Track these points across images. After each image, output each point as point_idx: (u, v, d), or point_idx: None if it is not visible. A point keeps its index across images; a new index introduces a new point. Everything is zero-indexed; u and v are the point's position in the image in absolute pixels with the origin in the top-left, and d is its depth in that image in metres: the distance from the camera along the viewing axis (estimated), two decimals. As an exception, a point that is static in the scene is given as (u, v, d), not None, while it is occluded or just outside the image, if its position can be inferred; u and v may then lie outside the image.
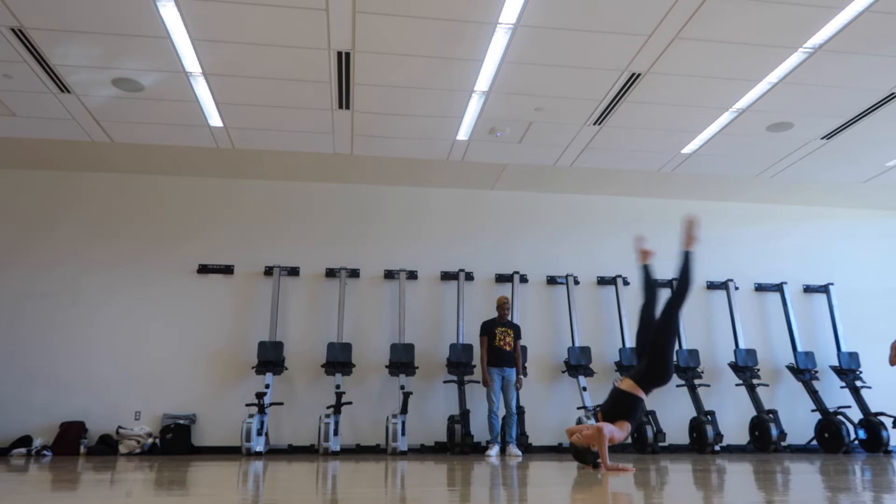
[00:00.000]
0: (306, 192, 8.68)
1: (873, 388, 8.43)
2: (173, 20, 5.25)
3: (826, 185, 8.73)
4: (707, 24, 5.26)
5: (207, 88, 6.33)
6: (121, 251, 8.21)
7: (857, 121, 6.89)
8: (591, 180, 8.63)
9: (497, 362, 7.34)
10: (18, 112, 6.77)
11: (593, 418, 7.55)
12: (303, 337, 8.20)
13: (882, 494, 3.02)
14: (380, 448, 7.77)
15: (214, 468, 5.05)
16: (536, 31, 5.39)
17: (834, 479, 4.00)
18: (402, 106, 6.64)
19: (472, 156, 7.84)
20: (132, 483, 3.79)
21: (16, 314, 7.88)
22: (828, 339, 8.93)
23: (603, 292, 8.86)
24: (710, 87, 6.28)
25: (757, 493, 3.12)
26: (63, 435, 7.44)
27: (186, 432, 7.66)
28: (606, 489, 3.34)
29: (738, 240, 9.25)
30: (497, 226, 8.91)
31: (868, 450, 7.90)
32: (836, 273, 9.23)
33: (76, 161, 8.06)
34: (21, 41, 5.52)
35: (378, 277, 8.52)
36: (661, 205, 9.22)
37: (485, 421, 7.40)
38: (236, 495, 3.05)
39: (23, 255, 8.05)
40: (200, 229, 8.40)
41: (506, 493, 3.20)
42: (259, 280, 8.33)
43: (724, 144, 7.49)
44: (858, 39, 5.44)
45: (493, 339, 7.42)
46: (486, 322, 7.59)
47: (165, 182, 8.48)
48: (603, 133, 7.23)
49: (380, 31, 5.41)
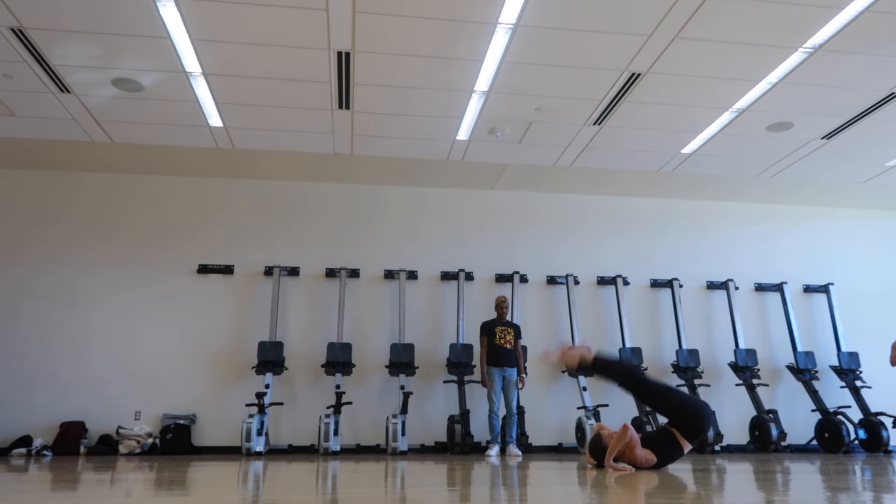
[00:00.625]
0: (306, 192, 8.68)
1: (873, 388, 8.43)
2: (173, 20, 5.25)
3: (826, 185, 8.73)
4: (707, 24, 5.26)
5: (207, 88, 6.33)
6: (121, 251, 8.21)
7: (857, 121, 6.89)
8: (591, 180, 8.63)
9: (498, 362, 7.32)
10: (18, 112, 6.77)
11: (593, 418, 7.56)
12: (303, 337, 8.20)
13: (882, 494, 3.02)
14: (380, 448, 7.77)
15: (214, 468, 5.05)
16: (536, 31, 5.39)
17: (834, 479, 4.01)
18: (402, 106, 6.64)
19: (472, 156, 7.84)
20: (132, 483, 3.79)
21: (15, 314, 7.88)
22: (828, 339, 8.94)
23: (603, 292, 8.87)
24: (710, 87, 6.28)
25: (757, 493, 3.12)
26: (63, 435, 7.45)
27: (186, 432, 7.66)
28: (606, 489, 3.34)
29: (738, 240, 9.26)
30: (497, 226, 8.91)
31: (868, 450, 7.90)
32: (836, 273, 9.23)
33: (77, 161, 8.06)
34: (21, 41, 5.52)
35: (378, 277, 8.53)
36: (662, 205, 9.23)
37: (485, 421, 7.40)
38: (236, 495, 3.05)
39: (22, 255, 8.05)
40: (200, 229, 8.40)
41: (506, 493, 3.20)
42: (259, 280, 8.33)
43: (724, 144, 7.49)
44: (858, 39, 5.44)
45: (493, 338, 7.40)
46: (485, 322, 7.58)
47: (165, 182, 8.48)
48: (603, 133, 7.23)
49: (380, 31, 5.41)
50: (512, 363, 7.35)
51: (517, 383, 7.35)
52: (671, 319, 8.74)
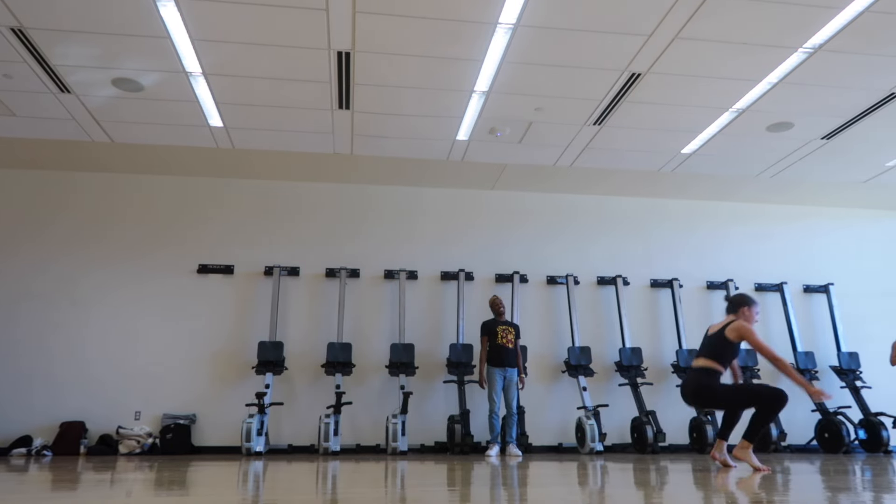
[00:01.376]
0: (307, 192, 8.68)
1: (873, 388, 8.43)
2: (173, 20, 5.25)
3: (826, 184, 8.73)
4: (707, 24, 5.26)
5: (207, 88, 6.33)
6: (121, 251, 8.21)
7: (857, 121, 6.89)
8: (590, 180, 8.63)
9: (500, 362, 7.28)
10: (18, 112, 6.77)
11: (593, 418, 7.56)
12: (303, 337, 8.20)
13: (882, 494, 3.03)
14: (380, 448, 7.77)
15: (214, 468, 5.05)
16: (536, 31, 5.39)
17: (834, 479, 4.01)
18: (402, 106, 6.64)
19: (472, 156, 7.84)
20: (132, 483, 3.79)
21: (13, 314, 7.88)
22: (828, 339, 8.94)
23: (603, 292, 8.87)
24: (710, 87, 6.28)
25: (757, 492, 3.12)
26: (63, 435, 7.45)
27: (186, 432, 7.66)
28: (606, 489, 3.34)
29: (738, 240, 9.26)
30: (497, 226, 8.91)
31: (868, 450, 7.90)
32: (836, 273, 9.23)
33: (77, 161, 8.06)
34: (21, 41, 5.52)
35: (378, 277, 8.53)
36: (661, 205, 9.23)
37: (485, 421, 7.39)
38: (236, 495, 3.05)
39: (22, 254, 8.05)
40: (200, 229, 8.40)
41: (506, 493, 3.20)
42: (259, 280, 8.33)
43: (724, 144, 7.49)
44: (858, 39, 5.44)
45: (495, 338, 7.35)
46: (486, 322, 7.56)
47: (165, 182, 8.48)
48: (603, 133, 7.23)
49: (380, 31, 5.41)
50: (513, 363, 7.32)
51: (518, 383, 7.34)
52: (671, 319, 8.74)
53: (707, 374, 4.87)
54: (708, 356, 4.90)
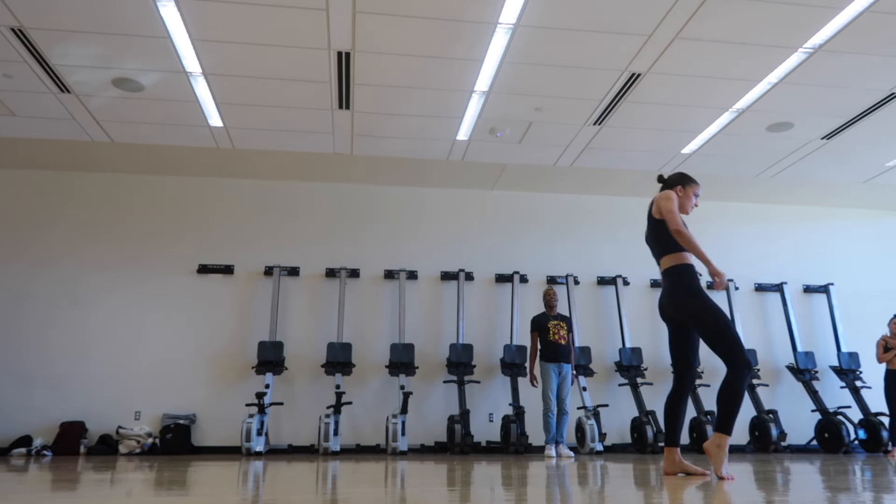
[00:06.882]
0: (306, 191, 8.68)
1: (873, 388, 8.42)
2: (173, 20, 5.25)
3: (826, 185, 8.73)
4: (707, 23, 5.26)
5: (207, 88, 6.33)
6: (121, 251, 8.21)
7: (857, 121, 6.89)
8: (591, 180, 8.63)
9: (554, 357, 7.00)
10: (18, 112, 6.77)
11: (593, 418, 7.56)
12: (303, 337, 8.20)
13: (882, 494, 3.02)
14: (380, 448, 7.77)
15: (214, 468, 5.05)
16: (536, 31, 5.39)
17: (834, 479, 4.00)
18: (402, 106, 6.64)
19: (472, 156, 7.84)
20: (132, 483, 3.79)
21: (14, 314, 7.88)
22: (828, 339, 8.94)
23: (603, 292, 8.86)
24: (710, 87, 6.28)
25: (757, 493, 3.12)
26: (63, 435, 7.45)
27: (186, 432, 7.66)
28: (607, 490, 3.34)
29: (737, 240, 9.25)
30: (497, 226, 8.91)
31: (868, 450, 7.90)
32: (836, 273, 9.23)
33: (77, 161, 8.06)
34: (21, 41, 5.52)
35: (378, 277, 8.52)
36: (661, 205, 9.21)
37: (484, 421, 7.38)
38: (236, 495, 3.05)
39: (22, 254, 8.05)
40: (200, 229, 8.40)
41: (505, 493, 3.20)
42: (259, 280, 8.33)
43: (724, 144, 7.49)
44: (858, 39, 5.44)
45: (546, 334, 7.08)
46: (536, 317, 7.28)
47: (165, 182, 8.48)
48: (603, 133, 7.23)
49: (380, 31, 5.41)
50: (567, 359, 7.08)
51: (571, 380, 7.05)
52: (671, 319, 8.72)
53: (678, 275, 3.99)
54: (663, 254, 4.04)
